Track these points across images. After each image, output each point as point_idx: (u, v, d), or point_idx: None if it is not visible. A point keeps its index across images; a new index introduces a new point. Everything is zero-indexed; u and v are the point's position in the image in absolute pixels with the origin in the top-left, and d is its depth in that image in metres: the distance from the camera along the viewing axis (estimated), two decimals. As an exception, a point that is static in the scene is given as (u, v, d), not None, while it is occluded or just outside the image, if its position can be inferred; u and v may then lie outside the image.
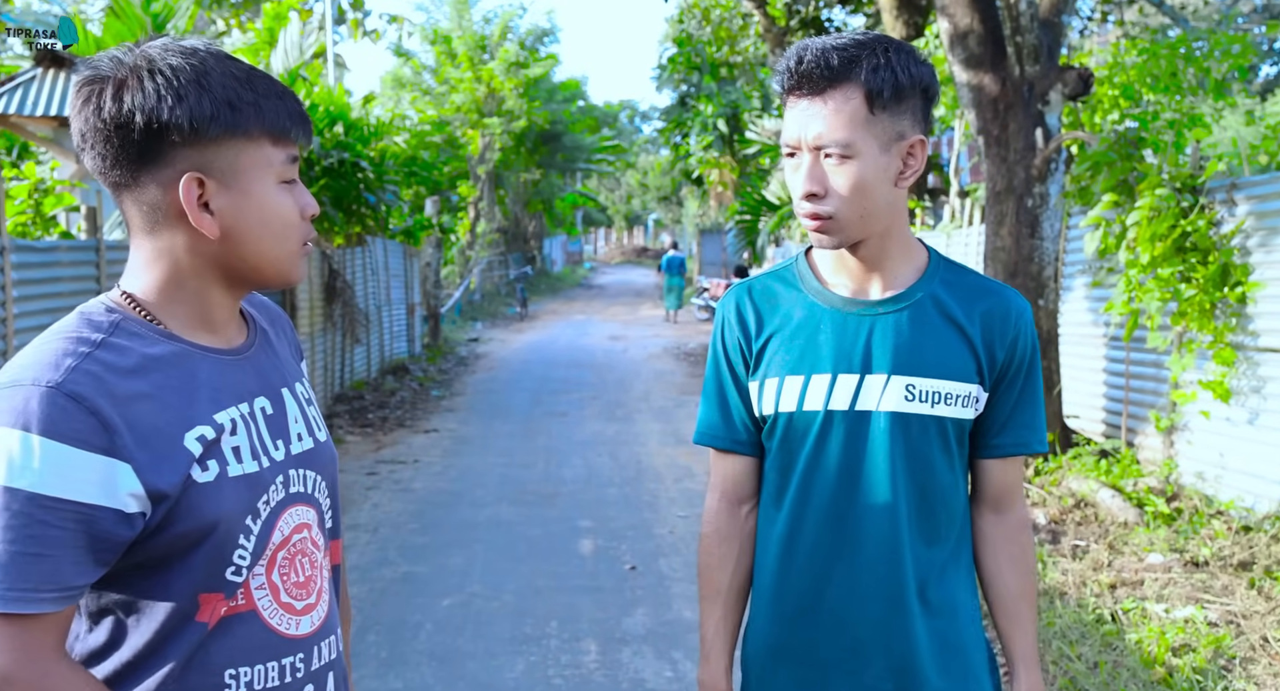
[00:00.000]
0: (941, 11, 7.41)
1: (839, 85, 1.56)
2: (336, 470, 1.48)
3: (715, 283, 23.24)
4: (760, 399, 1.71)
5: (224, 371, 1.32)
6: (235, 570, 1.27)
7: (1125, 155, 6.46)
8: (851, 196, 1.58)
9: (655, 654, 4.44)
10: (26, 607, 1.14)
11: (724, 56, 18.30)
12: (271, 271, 1.33)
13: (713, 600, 1.78)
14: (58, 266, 5.70)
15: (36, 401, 1.15)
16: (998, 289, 1.71)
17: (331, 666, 1.40)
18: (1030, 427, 1.71)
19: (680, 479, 7.80)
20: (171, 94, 1.21)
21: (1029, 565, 1.74)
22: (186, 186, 1.23)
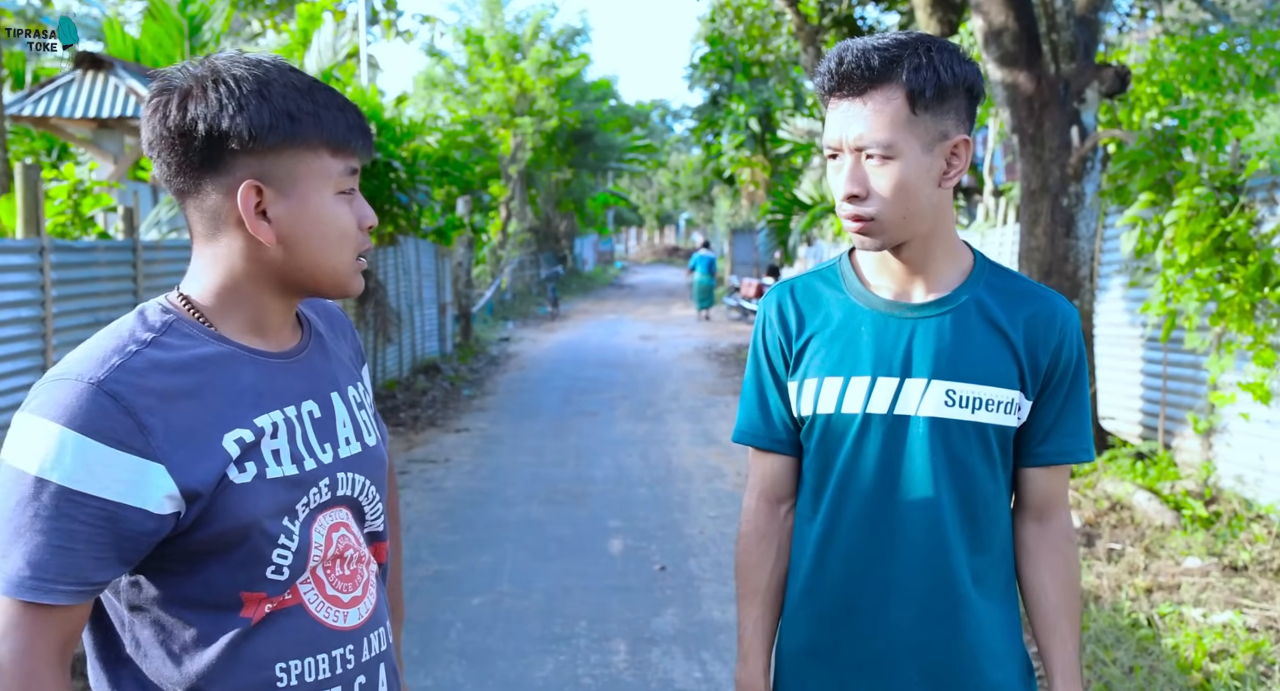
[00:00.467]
0: (976, 9, 7.35)
1: (880, 86, 1.55)
2: (385, 474, 1.48)
3: (747, 282, 23.19)
4: (799, 399, 1.70)
5: (271, 375, 1.33)
6: (276, 570, 1.28)
7: (1163, 153, 6.38)
8: (894, 198, 1.56)
9: (684, 654, 4.43)
10: (43, 597, 1.16)
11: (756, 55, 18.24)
12: (327, 281, 1.34)
13: (750, 599, 1.77)
14: (95, 266, 5.77)
15: (76, 397, 1.18)
16: (1044, 294, 1.68)
17: (383, 657, 1.41)
18: (1075, 436, 1.68)
19: (710, 479, 7.78)
20: (233, 103, 1.24)
21: (1072, 577, 1.70)
22: (245, 193, 1.26)
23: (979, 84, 1.60)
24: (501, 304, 25.27)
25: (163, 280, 6.48)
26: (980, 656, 1.65)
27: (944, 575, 1.63)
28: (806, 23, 12.54)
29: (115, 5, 25.00)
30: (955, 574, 1.63)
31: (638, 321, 22.97)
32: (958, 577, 1.63)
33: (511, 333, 20.18)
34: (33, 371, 5.06)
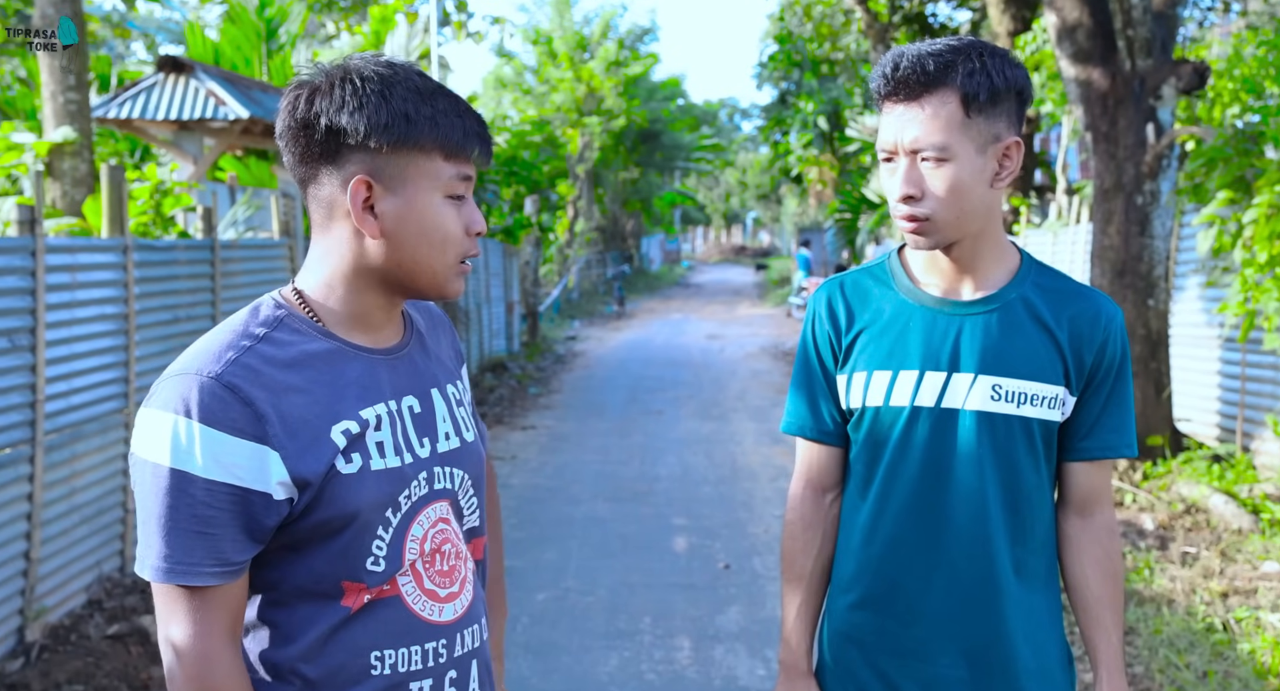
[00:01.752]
0: (1049, 5, 7.25)
1: (935, 90, 1.60)
2: (483, 470, 1.53)
3: (814, 281, 23.05)
4: (848, 392, 1.76)
5: (375, 370, 1.39)
6: (375, 560, 1.34)
7: (1243, 150, 6.23)
8: (948, 198, 1.62)
9: (749, 652, 4.45)
10: (190, 580, 1.25)
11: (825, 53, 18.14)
12: (426, 281, 1.38)
13: (795, 584, 1.84)
14: (175, 264, 5.93)
15: (197, 390, 1.25)
16: (1088, 293, 1.73)
17: (475, 653, 1.46)
18: (1118, 431, 1.73)
19: (775, 478, 7.78)
20: (354, 101, 1.31)
21: (1114, 570, 1.74)
22: (355, 187, 1.32)
23: (1028, 88, 1.66)
24: (568, 303, 25.43)
25: (239, 278, 6.64)
26: (1021, 644, 1.69)
27: (986, 565, 1.68)
28: (876, 20, 12.46)
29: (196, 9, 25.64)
30: (997, 564, 1.68)
31: (704, 320, 22.96)
32: (1000, 568, 1.68)
33: (578, 331, 20.30)
34: (115, 367, 5.23)
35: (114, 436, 5.23)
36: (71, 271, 4.83)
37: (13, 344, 4.36)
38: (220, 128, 8.13)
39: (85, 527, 4.96)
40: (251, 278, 6.87)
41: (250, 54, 11.92)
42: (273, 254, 7.30)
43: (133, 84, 8.04)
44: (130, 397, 5.30)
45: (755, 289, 33.98)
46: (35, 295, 4.48)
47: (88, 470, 4.98)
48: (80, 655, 4.36)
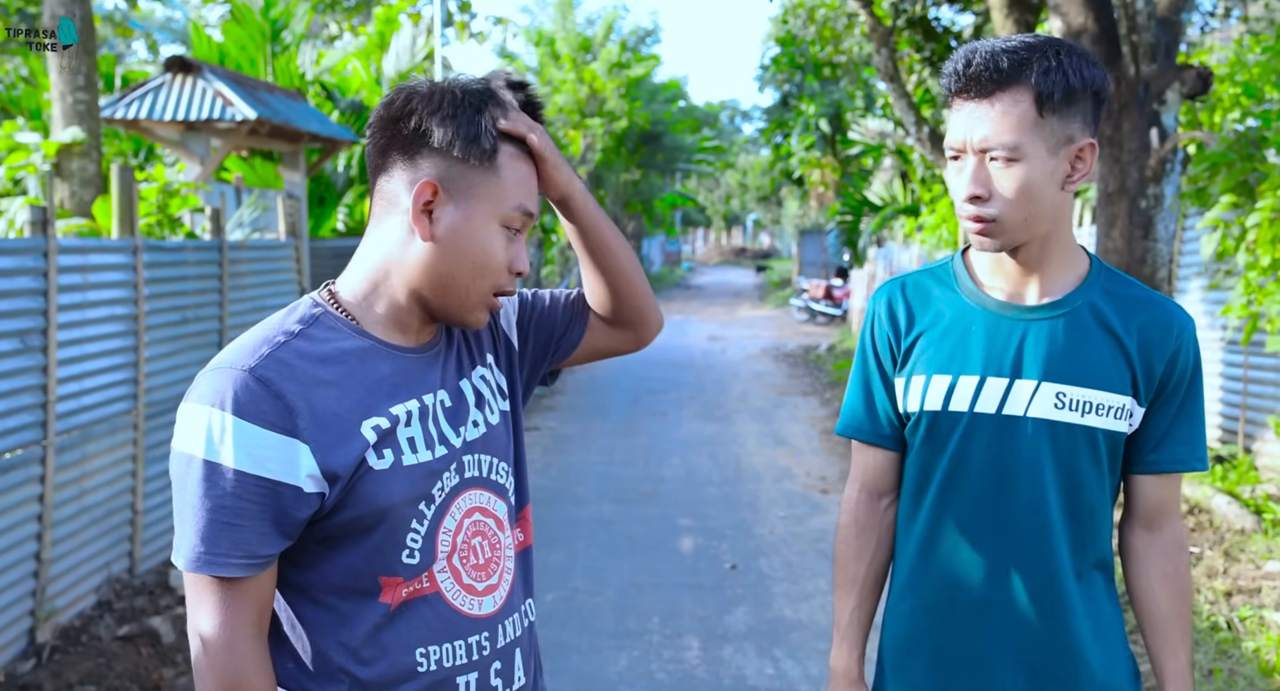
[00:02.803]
0: (1054, 10, 7.27)
1: (1008, 88, 1.55)
2: (509, 445, 1.53)
3: (814, 284, 23.06)
4: (906, 396, 1.71)
5: (407, 368, 1.41)
6: (410, 553, 1.37)
7: (1246, 155, 6.26)
8: (1016, 200, 1.57)
9: (757, 652, 4.48)
10: (217, 570, 1.27)
11: (828, 56, 18.14)
12: (454, 301, 1.40)
13: (848, 589, 1.80)
14: (184, 265, 5.96)
15: (231, 383, 1.28)
16: (1160, 301, 1.67)
17: (517, 643, 1.48)
18: (1189, 445, 1.67)
19: (780, 479, 7.80)
20: (449, 109, 1.35)
21: (1182, 585, 1.69)
22: (422, 187, 1.35)
23: (1106, 88, 1.59)
24: (570, 304, 25.42)
25: (246, 279, 6.67)
26: (1087, 656, 1.65)
27: (1047, 576, 1.64)
28: (879, 24, 12.47)
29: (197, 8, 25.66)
30: (1059, 575, 1.64)
31: (705, 322, 22.98)
32: (1062, 579, 1.64)
33: (580, 332, 20.30)
34: (125, 368, 5.25)
35: (123, 437, 5.26)
36: (83, 272, 4.86)
37: (25, 345, 4.39)
38: (227, 128, 8.16)
39: (95, 528, 4.99)
40: (259, 278, 6.90)
41: (255, 55, 11.94)
42: (279, 255, 7.33)
43: (140, 84, 8.06)
44: (140, 398, 5.33)
45: (756, 291, 34.00)
46: (47, 296, 4.51)
47: (97, 471, 5.00)
48: (91, 656, 4.39)
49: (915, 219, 15.82)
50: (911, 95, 13.28)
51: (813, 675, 4.25)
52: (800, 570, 5.61)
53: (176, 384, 5.74)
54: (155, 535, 5.53)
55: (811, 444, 9.26)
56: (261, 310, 6.90)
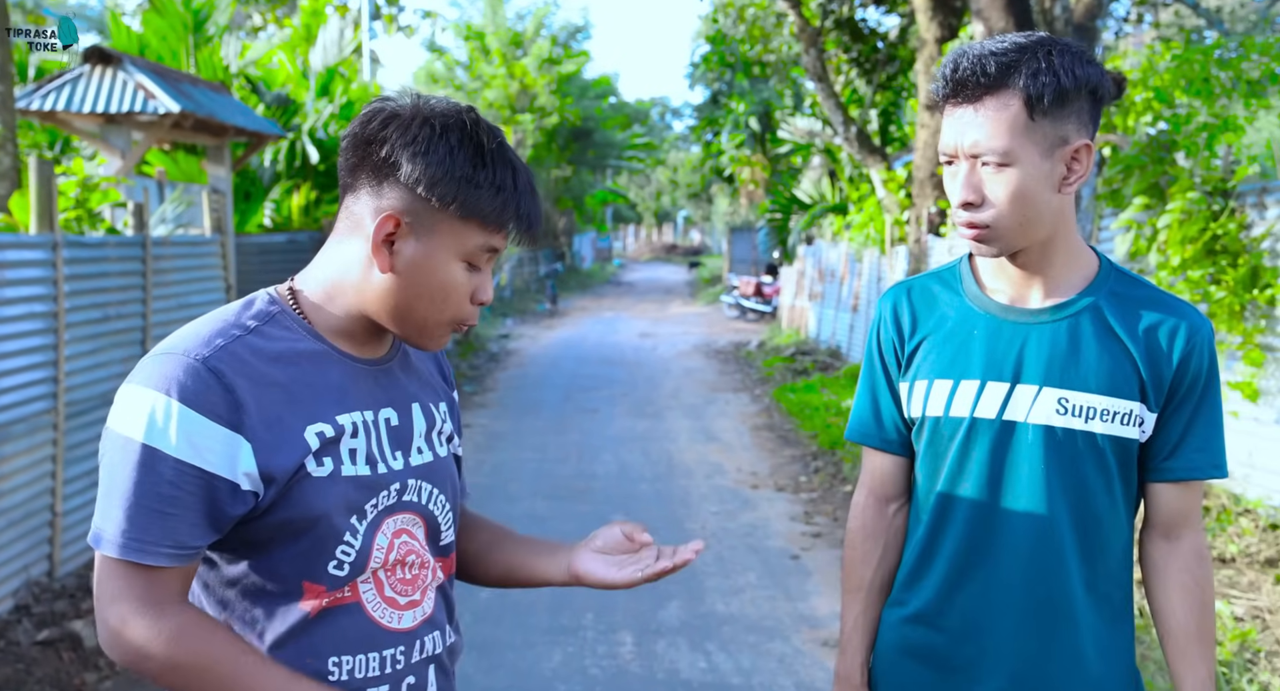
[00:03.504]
0: (977, 15, 7.45)
1: (996, 91, 1.52)
2: (456, 485, 1.53)
3: (745, 281, 23.27)
4: (909, 400, 1.70)
5: (357, 378, 1.40)
6: (338, 565, 1.35)
7: (1157, 158, 6.48)
8: (1010, 205, 1.54)
9: (690, 646, 4.54)
10: (144, 558, 1.25)
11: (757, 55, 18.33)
12: (412, 329, 1.40)
13: (854, 594, 1.78)
14: (106, 262, 5.84)
15: (182, 370, 1.27)
16: (1171, 303, 1.63)
17: (434, 659, 1.47)
18: (1205, 451, 1.62)
19: (711, 475, 7.89)
20: (423, 144, 1.32)
21: (1204, 598, 1.64)
22: (383, 221, 1.33)
23: (1103, 85, 1.55)
24: (500, 301, 25.33)
25: (171, 275, 6.55)
26: (1075, 673, 1.63)
27: (1050, 588, 1.61)
28: (808, 24, 12.63)
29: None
30: (1065, 587, 1.61)
31: (636, 319, 23.06)
32: (1068, 592, 1.61)
33: (511, 330, 20.26)
34: (44, 367, 5.14)
35: (42, 437, 5.14)
36: None
37: (-59, 343, 4.28)
38: (149, 121, 7.99)
39: (13, 531, 4.88)
40: (184, 275, 6.79)
41: (177, 46, 11.71)
42: (205, 251, 7.22)
43: (57, 75, 7.86)
44: (60, 398, 5.21)
45: (687, 287, 34.18)
46: (-36, 293, 4.40)
47: (15, 473, 4.89)
48: (9, 661, 4.29)
49: (843, 217, 16.05)
50: (839, 95, 13.47)
51: (744, 667, 4.32)
52: (731, 564, 5.69)
53: (98, 383, 5.63)
54: (75, 537, 5.41)
55: (742, 440, 9.36)
56: (186, 307, 6.79)
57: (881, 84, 15.07)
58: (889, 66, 14.78)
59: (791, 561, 5.75)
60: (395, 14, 24.30)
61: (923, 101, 11.47)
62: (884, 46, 14.54)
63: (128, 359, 5.96)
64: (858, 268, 14.42)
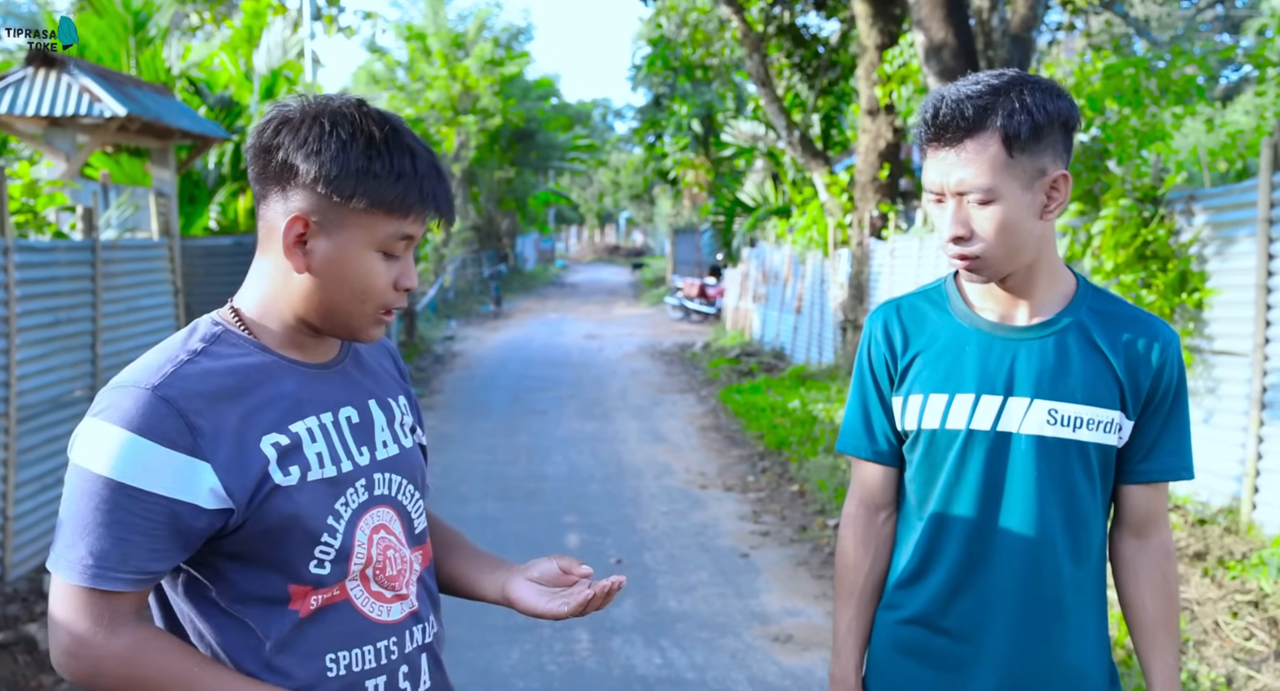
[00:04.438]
0: (917, 25, 7.66)
1: (976, 134, 1.61)
2: (423, 475, 1.58)
3: (689, 282, 23.46)
4: (904, 414, 1.78)
5: (310, 384, 1.44)
6: (319, 564, 1.39)
7: (1090, 166, 6.73)
8: (997, 237, 1.63)
9: (644, 642, 4.65)
10: (105, 584, 1.30)
11: (700, 59, 18.50)
12: (339, 323, 1.43)
13: (846, 599, 1.87)
14: (56, 266, 5.81)
15: (134, 401, 1.31)
16: (1145, 318, 1.74)
17: (424, 649, 1.52)
18: (1176, 454, 1.74)
19: (660, 475, 8.01)
20: (315, 144, 1.35)
21: (1170, 592, 1.76)
22: (291, 222, 1.37)
23: (1074, 117, 1.64)
24: (445, 302, 25.26)
25: (121, 279, 6.52)
26: (1066, 669, 1.73)
27: (1044, 587, 1.71)
28: (751, 29, 12.81)
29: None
30: (1058, 586, 1.71)
31: (581, 320, 23.13)
32: (1059, 589, 1.71)
33: (455, 331, 20.23)
34: (-4, 370, 5.12)
35: (-6, 442, 5.12)
36: (-48, 274, 4.72)
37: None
38: (94, 124, 7.92)
39: (-34, 536, 4.85)
40: (133, 278, 6.76)
41: (117, 48, 11.56)
42: (154, 254, 7.19)
43: (0, 77, 7.76)
44: (10, 402, 5.19)
45: (631, 289, 34.30)
46: (-84, 299, 4.37)
47: (-32, 477, 4.86)
48: (-34, 665, 4.28)
49: (787, 220, 16.28)
50: (782, 99, 13.68)
51: (698, 663, 4.45)
52: (683, 563, 5.81)
53: (49, 387, 5.60)
54: (26, 541, 5.39)
55: (690, 440, 9.50)
56: (136, 310, 6.76)
57: (823, 89, 15.31)
58: (831, 72, 15.03)
59: (741, 559, 5.89)
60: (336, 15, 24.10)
61: (864, 106, 11.71)
62: (825, 52, 14.79)
63: (79, 363, 5.93)
64: (801, 270, 14.65)
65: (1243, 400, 5.67)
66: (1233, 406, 5.80)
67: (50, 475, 5.55)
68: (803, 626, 4.84)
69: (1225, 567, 5.03)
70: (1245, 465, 5.59)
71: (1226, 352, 5.86)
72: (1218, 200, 5.94)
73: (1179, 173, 7.07)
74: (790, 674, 4.34)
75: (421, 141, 1.43)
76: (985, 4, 7.20)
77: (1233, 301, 5.79)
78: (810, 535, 6.29)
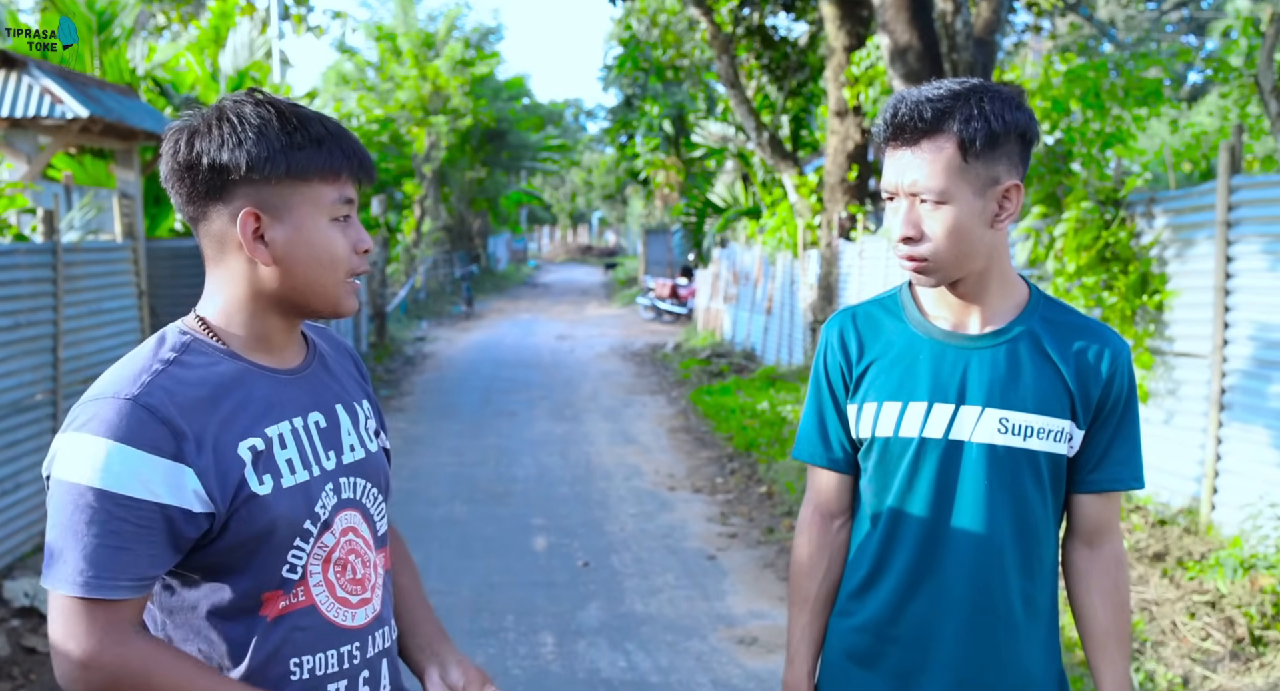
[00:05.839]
0: (883, 28, 7.70)
1: (933, 136, 1.63)
2: (387, 478, 1.62)
3: (660, 283, 23.48)
4: (858, 422, 1.79)
5: (280, 389, 1.47)
6: (291, 568, 1.42)
7: (1054, 169, 6.79)
8: (946, 240, 1.66)
9: (610, 645, 4.65)
10: (108, 594, 1.32)
11: (670, 59, 18.52)
12: (319, 301, 1.47)
13: (801, 606, 1.88)
14: (16, 269, 5.75)
15: (115, 411, 1.32)
16: (1095, 328, 1.76)
17: (385, 653, 1.55)
18: (1126, 464, 1.76)
19: (629, 477, 8.01)
20: (234, 138, 1.38)
21: (1122, 600, 1.78)
22: (244, 220, 1.40)
23: (1031, 129, 1.67)
24: (415, 303, 25.16)
25: (83, 282, 6.46)
26: (1015, 677, 1.74)
27: (993, 595, 1.72)
28: (720, 31, 12.84)
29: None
30: (1006, 594, 1.73)
31: (553, 321, 23.10)
32: (1008, 598, 1.73)
33: (426, 332, 20.16)
34: (-46, 376, 5.06)
35: (-48, 448, 5.06)
36: (-92, 279, 4.66)
37: None
38: (56, 126, 7.83)
39: (-77, 544, 4.79)
40: (96, 281, 6.69)
41: (81, 48, 11.44)
42: (116, 257, 7.12)
43: (-42, 78, 7.66)
44: (-30, 408, 5.13)
45: (603, 289, 34.30)
46: None
47: (-74, 484, 4.80)
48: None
49: (757, 221, 16.33)
50: (751, 101, 13.71)
51: (662, 666, 4.46)
52: (650, 565, 5.82)
53: (9, 391, 5.54)
54: (-13, 550, 5.32)
55: (659, 442, 9.51)
56: (98, 313, 6.70)
57: (792, 90, 15.36)
58: (799, 73, 15.08)
59: (708, 561, 5.91)
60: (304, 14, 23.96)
61: (832, 108, 11.76)
62: (794, 53, 14.84)
63: (39, 366, 5.87)
64: (771, 271, 14.70)
65: (1202, 401, 5.74)
66: (1192, 407, 5.87)
67: (9, 481, 5.48)
68: (768, 628, 4.86)
69: (1184, 568, 5.09)
70: (1205, 465, 5.66)
71: (1186, 354, 5.93)
72: (1177, 202, 6.01)
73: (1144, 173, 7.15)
74: (754, 676, 4.35)
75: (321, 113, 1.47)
76: (949, 7, 7.25)
77: (1192, 303, 5.86)
78: (777, 537, 6.31)
